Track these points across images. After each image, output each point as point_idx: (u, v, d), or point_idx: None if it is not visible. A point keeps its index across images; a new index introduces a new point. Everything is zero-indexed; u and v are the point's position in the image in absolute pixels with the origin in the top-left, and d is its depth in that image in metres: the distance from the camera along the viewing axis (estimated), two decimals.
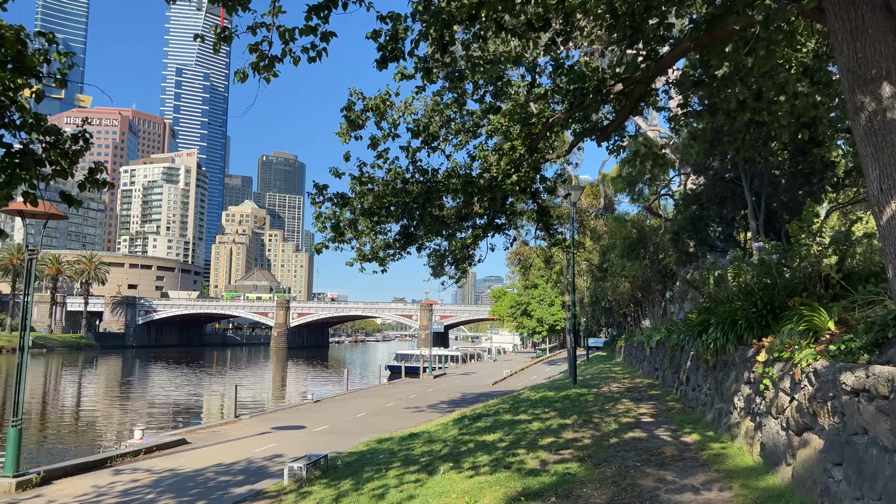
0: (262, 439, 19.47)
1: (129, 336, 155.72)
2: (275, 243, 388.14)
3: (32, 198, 7.03)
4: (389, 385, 42.37)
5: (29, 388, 56.16)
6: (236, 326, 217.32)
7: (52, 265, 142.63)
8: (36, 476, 12.84)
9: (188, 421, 32.29)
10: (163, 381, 62.03)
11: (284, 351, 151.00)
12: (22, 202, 12.44)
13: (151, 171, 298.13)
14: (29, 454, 24.54)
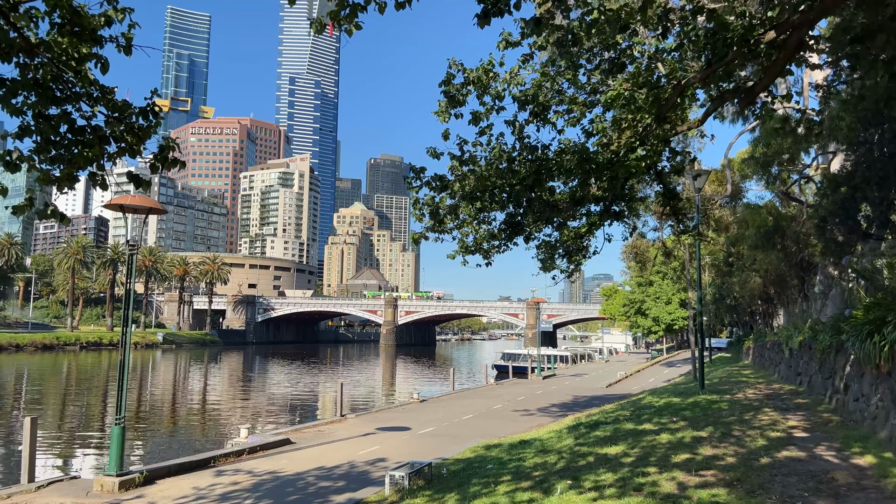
0: (366, 441, 18.79)
1: (250, 333, 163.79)
2: (383, 243, 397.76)
3: (101, 180, 6.33)
4: (496, 385, 41.17)
5: (161, 381, 59.83)
6: (348, 324, 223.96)
7: (179, 266, 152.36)
8: (139, 476, 12.63)
9: (295, 419, 32.54)
10: (278, 376, 64.03)
11: (393, 348, 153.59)
12: (122, 198, 12.20)
13: (268, 176, 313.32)
14: (145, 448, 25.28)
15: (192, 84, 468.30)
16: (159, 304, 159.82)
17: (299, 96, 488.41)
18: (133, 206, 12.61)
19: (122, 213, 12.87)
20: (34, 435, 12.43)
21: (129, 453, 23.04)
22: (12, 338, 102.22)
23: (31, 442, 12.38)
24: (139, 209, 12.83)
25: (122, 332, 12.56)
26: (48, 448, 25.19)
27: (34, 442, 12.43)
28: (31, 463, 12.38)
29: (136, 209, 12.81)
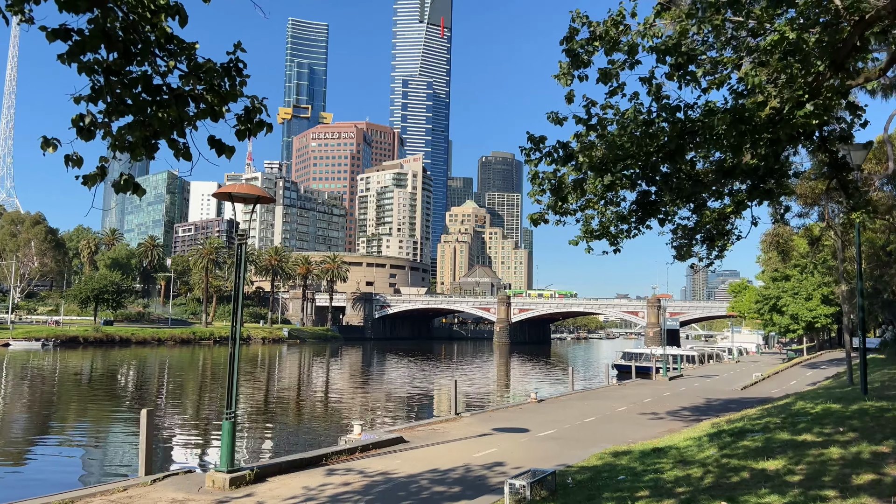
0: (482, 442, 17.74)
1: (368, 329, 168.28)
2: (495, 241, 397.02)
3: (184, 149, 5.60)
4: (619, 386, 38.95)
5: (285, 375, 62.16)
6: (461, 321, 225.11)
7: (302, 265, 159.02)
8: (249, 473, 12.24)
9: (409, 416, 32.11)
10: (394, 372, 64.65)
11: (507, 346, 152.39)
12: (230, 186, 11.78)
13: (383, 177, 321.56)
14: (261, 442, 25.58)
15: (312, 91, 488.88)
16: (284, 301, 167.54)
17: (412, 98, 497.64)
18: (241, 195, 12.23)
19: (230, 203, 12.52)
20: (150, 427, 12.36)
21: (246, 447, 23.28)
22: (154, 333, 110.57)
23: (148, 434, 12.32)
24: (247, 198, 12.43)
25: (231, 325, 12.19)
26: (179, 437, 26.12)
27: (150, 434, 12.36)
28: (148, 455, 12.32)
29: (244, 198, 12.43)
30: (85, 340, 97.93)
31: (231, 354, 12.20)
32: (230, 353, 12.22)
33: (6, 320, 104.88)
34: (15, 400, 37.55)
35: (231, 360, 12.19)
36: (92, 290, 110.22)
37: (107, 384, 48.56)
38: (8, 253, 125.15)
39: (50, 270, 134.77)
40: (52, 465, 20.96)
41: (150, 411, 12.39)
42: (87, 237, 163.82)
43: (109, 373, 58.42)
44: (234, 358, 12.18)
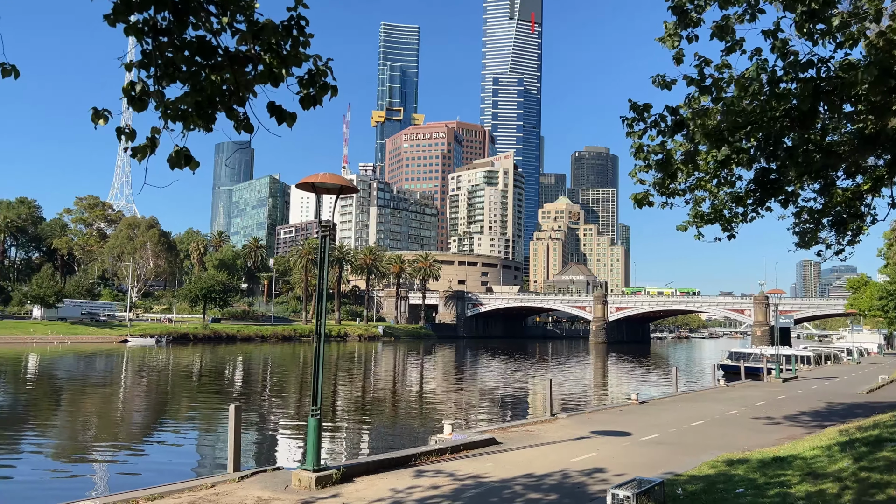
0: (580, 446, 16.67)
1: (460, 327, 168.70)
2: (589, 238, 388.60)
3: (244, 121, 5.06)
4: (727, 387, 36.47)
5: (381, 371, 62.92)
6: (555, 319, 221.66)
7: (396, 264, 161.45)
8: (336, 472, 11.83)
9: (502, 416, 31.24)
10: (487, 370, 63.98)
11: (603, 345, 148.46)
12: (313, 176, 11.41)
13: (474, 175, 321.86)
14: (350, 440, 25.46)
15: (404, 94, 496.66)
16: (379, 300, 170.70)
17: (502, 95, 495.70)
18: (324, 185, 11.83)
19: (314, 193, 12.16)
20: (239, 423, 12.21)
21: (335, 445, 23.17)
22: (258, 330, 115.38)
23: (236, 430, 12.18)
24: (330, 188, 12.03)
25: (316, 319, 11.81)
26: (273, 433, 26.51)
27: (239, 430, 12.21)
28: (236, 452, 12.17)
29: (328, 188, 12.03)
30: (194, 337, 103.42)
31: (316, 349, 11.83)
32: (315, 349, 11.85)
33: (125, 318, 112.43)
34: (131, 394, 39.65)
35: (316, 357, 11.82)
36: (200, 289, 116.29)
37: (213, 379, 50.65)
38: (126, 255, 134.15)
39: (163, 271, 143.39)
40: (152, 458, 21.63)
41: (238, 407, 12.23)
42: (197, 239, 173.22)
43: (216, 368, 61.05)
44: (319, 354, 11.81)
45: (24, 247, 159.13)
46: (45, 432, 25.93)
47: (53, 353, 72.13)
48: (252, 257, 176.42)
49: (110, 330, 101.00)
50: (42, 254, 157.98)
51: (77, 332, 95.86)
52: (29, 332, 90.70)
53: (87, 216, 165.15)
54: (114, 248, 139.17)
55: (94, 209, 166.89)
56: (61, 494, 14.36)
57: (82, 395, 38.11)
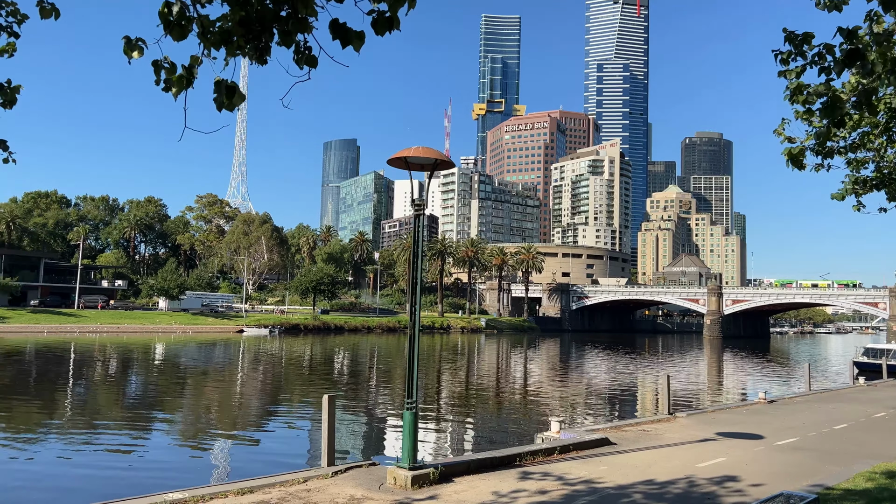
0: (706, 449, 14.91)
1: (565, 320, 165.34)
2: (702, 227, 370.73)
3: (305, 53, 4.10)
4: (867, 387, 32.73)
5: (484, 364, 62.18)
6: (666, 313, 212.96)
7: (498, 256, 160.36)
8: (433, 471, 10.90)
9: (613, 413, 29.32)
10: (594, 365, 61.68)
11: (718, 340, 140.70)
12: (405, 151, 10.48)
13: (578, 165, 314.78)
14: (448, 435, 24.55)
15: (506, 85, 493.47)
16: (481, 292, 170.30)
17: (607, 82, 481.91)
18: (417, 159, 10.89)
19: (406, 170, 11.24)
20: (333, 414, 11.54)
21: (434, 440, 22.23)
22: (364, 321, 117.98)
23: (330, 422, 11.50)
24: (424, 162, 11.08)
25: (409, 304, 10.90)
26: (375, 425, 26.12)
27: (333, 422, 11.53)
28: (330, 445, 11.49)
29: (421, 163, 11.09)
30: (305, 328, 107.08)
31: (410, 338, 10.93)
32: (409, 337, 10.96)
33: (241, 309, 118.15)
34: (247, 381, 40.92)
35: (410, 346, 10.92)
36: (310, 281, 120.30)
37: (323, 368, 51.68)
38: (241, 250, 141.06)
39: (276, 265, 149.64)
40: (258, 447, 21.69)
41: (332, 398, 11.55)
42: (307, 234, 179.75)
43: (325, 358, 62.47)
44: (414, 339, 10.90)
45: (152, 243, 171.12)
46: (164, 417, 26.88)
47: (177, 342, 76.59)
48: (358, 251, 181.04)
49: (227, 320, 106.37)
50: (167, 249, 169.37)
51: (198, 323, 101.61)
52: (154, 322, 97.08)
53: (207, 213, 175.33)
54: (230, 243, 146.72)
55: (213, 206, 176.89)
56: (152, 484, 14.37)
57: (203, 382, 39.74)
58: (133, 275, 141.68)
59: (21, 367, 46.31)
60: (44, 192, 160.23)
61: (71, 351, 60.10)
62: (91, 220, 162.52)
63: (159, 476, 16.33)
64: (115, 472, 17.07)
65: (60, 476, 16.73)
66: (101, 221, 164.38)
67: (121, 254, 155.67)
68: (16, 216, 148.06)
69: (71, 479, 16.53)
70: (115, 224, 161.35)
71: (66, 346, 64.27)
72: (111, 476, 16.67)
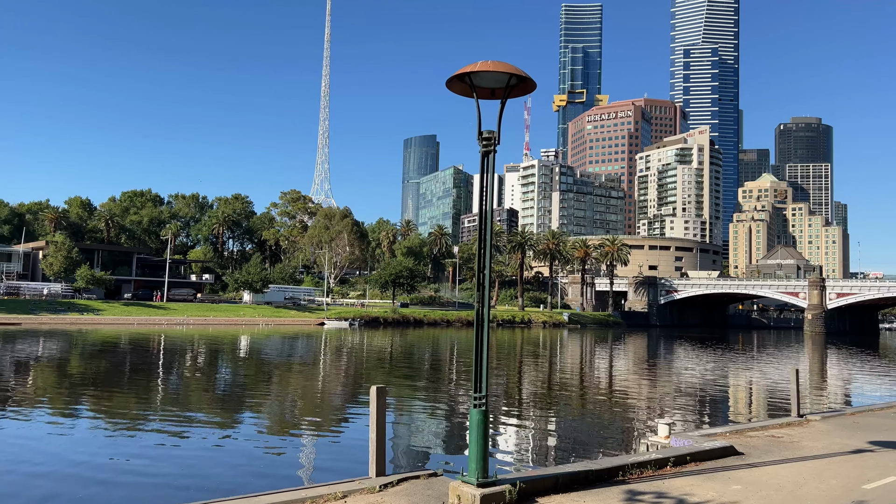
0: (864, 463, 11.59)
1: (652, 315, 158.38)
2: (799, 218, 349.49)
3: None
4: None
5: (567, 360, 58.79)
6: (761, 308, 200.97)
7: (580, 248, 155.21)
8: (510, 489, 8.25)
9: (724, 415, 25.59)
10: (688, 361, 57.14)
11: (821, 336, 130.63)
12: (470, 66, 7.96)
13: (664, 154, 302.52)
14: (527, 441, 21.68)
15: (587, 75, 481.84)
16: (563, 286, 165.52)
17: (694, 69, 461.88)
18: (486, 77, 8.28)
19: (473, 97, 8.63)
20: (382, 411, 9.12)
21: (510, 447, 19.16)
22: (443, 315, 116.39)
23: (380, 421, 9.07)
24: (496, 85, 8.46)
25: (477, 272, 8.33)
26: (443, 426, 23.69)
27: (383, 421, 9.09)
28: (380, 450, 9.06)
29: (492, 85, 8.48)
30: (384, 321, 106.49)
31: (476, 322, 8.35)
32: (476, 320, 8.38)
33: (322, 303, 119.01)
34: (326, 374, 39.56)
35: (477, 330, 8.34)
36: (389, 275, 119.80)
37: (399, 362, 49.91)
38: (323, 244, 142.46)
39: (356, 258, 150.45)
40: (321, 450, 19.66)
41: (381, 389, 9.12)
42: (386, 228, 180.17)
43: (404, 351, 60.83)
44: (481, 323, 8.32)
45: (239, 238, 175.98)
46: (235, 413, 25.48)
47: (261, 334, 77.12)
48: (437, 245, 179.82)
49: (309, 313, 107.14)
50: (253, 245, 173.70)
51: (280, 316, 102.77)
52: (239, 315, 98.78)
53: (291, 209, 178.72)
54: (312, 238, 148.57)
55: (297, 203, 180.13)
56: (190, 488, 12.45)
57: (282, 375, 38.70)
58: (220, 269, 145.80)
59: (114, 357, 46.98)
60: (139, 192, 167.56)
61: (158, 342, 61.12)
62: (182, 217, 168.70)
63: (193, 482, 14.47)
64: (141, 468, 15.41)
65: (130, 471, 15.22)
66: (191, 218, 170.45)
67: (209, 249, 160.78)
68: (114, 214, 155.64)
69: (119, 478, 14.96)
70: (204, 221, 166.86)
71: (155, 338, 65.61)
72: (136, 482, 14.99)
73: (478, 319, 8.32)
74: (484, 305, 8.27)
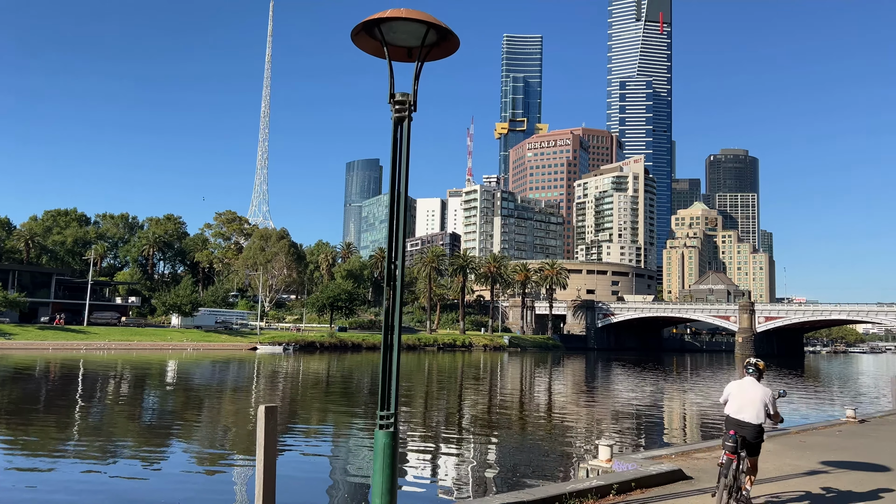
0: (825, 485, 10.58)
1: (590, 338, 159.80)
2: (728, 245, 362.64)
3: None
4: None
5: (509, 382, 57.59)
6: (694, 332, 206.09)
7: (521, 272, 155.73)
8: None
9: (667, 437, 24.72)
10: (625, 384, 56.83)
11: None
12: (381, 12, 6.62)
13: (601, 181, 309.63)
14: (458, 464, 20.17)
15: (528, 104, 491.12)
16: (504, 310, 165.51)
17: (630, 100, 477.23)
18: (400, 24, 6.91)
19: (385, 56, 7.23)
20: (273, 436, 7.44)
21: (443, 472, 17.66)
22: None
23: (269, 447, 7.36)
24: (411, 43, 7.11)
25: (387, 264, 6.87)
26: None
27: (273, 447, 7.43)
28: (269, 483, 7.35)
29: (407, 42, 7.12)
30: (321, 345, 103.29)
31: (387, 311, 6.88)
32: (386, 309, 6.91)
33: (256, 327, 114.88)
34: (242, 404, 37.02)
35: (386, 327, 6.88)
36: (327, 297, 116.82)
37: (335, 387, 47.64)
38: (258, 265, 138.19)
39: (293, 281, 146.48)
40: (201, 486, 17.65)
41: (270, 409, 7.42)
42: (326, 251, 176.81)
43: (339, 376, 58.45)
44: (392, 320, 6.86)
45: (170, 260, 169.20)
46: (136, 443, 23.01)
47: (188, 359, 73.19)
48: (378, 267, 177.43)
49: (241, 338, 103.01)
50: (186, 267, 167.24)
51: (210, 340, 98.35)
52: (165, 339, 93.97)
53: (226, 231, 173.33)
54: (247, 259, 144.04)
55: (232, 224, 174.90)
56: None
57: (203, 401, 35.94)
58: (149, 292, 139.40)
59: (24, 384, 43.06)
60: (63, 211, 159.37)
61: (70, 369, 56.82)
62: (110, 238, 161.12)
63: None
64: None
65: None
66: (119, 239, 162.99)
67: (137, 271, 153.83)
68: (35, 234, 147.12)
69: None
70: (133, 242, 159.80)
71: (72, 364, 61.13)
72: None
73: (387, 317, 6.84)
74: (395, 301, 6.81)
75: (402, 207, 6.77)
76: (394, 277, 6.83)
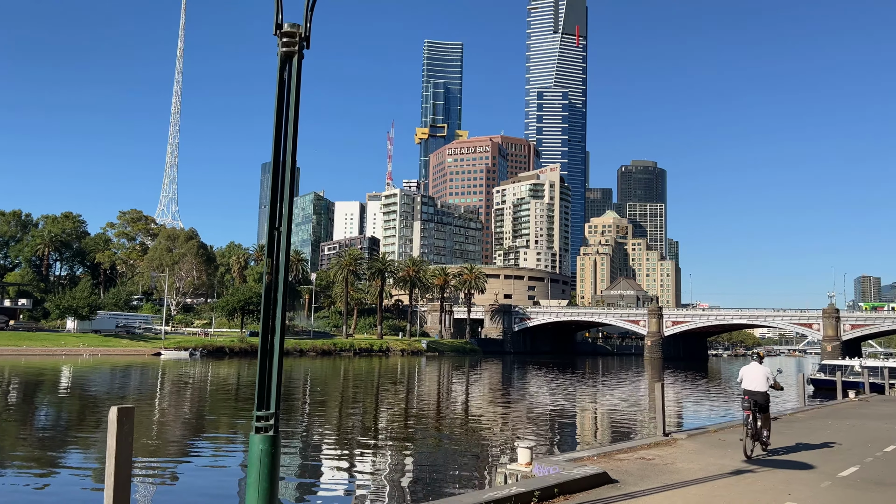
0: (751, 487, 10.02)
1: (507, 342, 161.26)
2: (638, 252, 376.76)
3: None
4: (859, 402, 28.86)
5: (426, 387, 56.56)
6: (605, 335, 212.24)
7: (440, 276, 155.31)
8: None
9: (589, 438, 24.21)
10: (542, 386, 56.96)
11: (659, 361, 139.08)
12: None
13: (519, 188, 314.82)
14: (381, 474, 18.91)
15: (448, 110, 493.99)
16: (423, 314, 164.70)
17: (547, 110, 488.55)
18: None
19: None
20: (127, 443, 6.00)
21: (354, 482, 16.18)
22: (297, 344, 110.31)
23: (121, 455, 5.96)
24: None
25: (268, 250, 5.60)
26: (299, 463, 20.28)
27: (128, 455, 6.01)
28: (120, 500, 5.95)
29: None
30: (230, 350, 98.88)
31: (267, 287, 5.62)
32: (265, 286, 5.64)
33: (161, 332, 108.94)
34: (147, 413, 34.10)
35: (265, 306, 5.61)
36: (238, 301, 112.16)
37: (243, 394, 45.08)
38: (164, 267, 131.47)
39: (203, 284, 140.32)
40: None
41: (124, 410, 6.01)
42: (238, 253, 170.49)
43: (247, 383, 55.66)
44: (271, 307, 5.59)
45: (69, 261, 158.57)
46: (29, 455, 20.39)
47: (84, 366, 68.05)
48: (294, 271, 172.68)
49: (144, 343, 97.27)
50: (86, 269, 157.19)
51: (109, 345, 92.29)
52: (59, 344, 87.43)
53: (131, 230, 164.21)
54: (153, 261, 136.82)
55: (137, 223, 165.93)
56: None
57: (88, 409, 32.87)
58: (43, 294, 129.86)
59: None
60: None
61: None
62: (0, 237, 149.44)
63: None
64: None
65: None
66: (11, 238, 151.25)
67: (30, 272, 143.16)
68: None
69: None
70: (26, 241, 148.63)
71: None
72: None
73: (267, 293, 5.57)
74: (278, 275, 5.55)
75: (290, 161, 5.53)
76: (277, 246, 5.56)
